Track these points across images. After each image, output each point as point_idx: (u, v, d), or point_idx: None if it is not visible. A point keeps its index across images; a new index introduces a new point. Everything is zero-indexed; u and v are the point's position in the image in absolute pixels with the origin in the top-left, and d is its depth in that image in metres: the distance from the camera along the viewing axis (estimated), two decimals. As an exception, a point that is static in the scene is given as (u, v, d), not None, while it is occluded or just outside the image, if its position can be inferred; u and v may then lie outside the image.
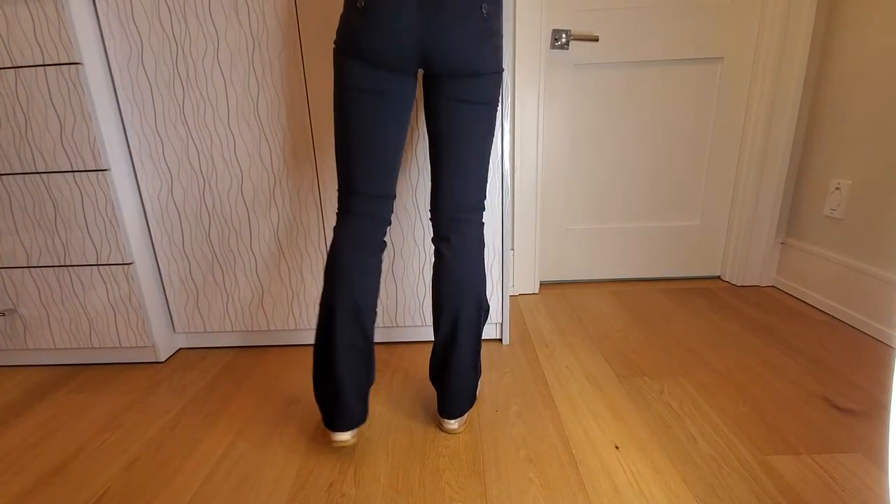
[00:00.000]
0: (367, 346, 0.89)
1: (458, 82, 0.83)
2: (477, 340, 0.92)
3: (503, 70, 0.86)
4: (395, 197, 0.91)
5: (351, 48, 0.78)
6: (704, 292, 1.62)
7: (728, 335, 1.30)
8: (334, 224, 0.90)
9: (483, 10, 0.78)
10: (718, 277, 1.75)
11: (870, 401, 0.99)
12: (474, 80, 0.83)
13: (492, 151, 1.15)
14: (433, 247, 1.15)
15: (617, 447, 0.88)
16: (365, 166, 0.84)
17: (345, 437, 0.87)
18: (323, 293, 0.87)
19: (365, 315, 0.87)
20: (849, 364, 1.13)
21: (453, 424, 0.94)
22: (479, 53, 0.80)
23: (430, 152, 0.90)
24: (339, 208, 0.90)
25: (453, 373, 0.90)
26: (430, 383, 1.13)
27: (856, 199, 1.32)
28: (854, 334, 1.28)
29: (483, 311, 0.93)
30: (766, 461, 0.83)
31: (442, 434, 0.94)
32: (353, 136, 0.83)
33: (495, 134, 1.14)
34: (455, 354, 0.90)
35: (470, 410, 0.98)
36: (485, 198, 0.94)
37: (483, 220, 0.96)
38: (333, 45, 0.81)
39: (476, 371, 0.94)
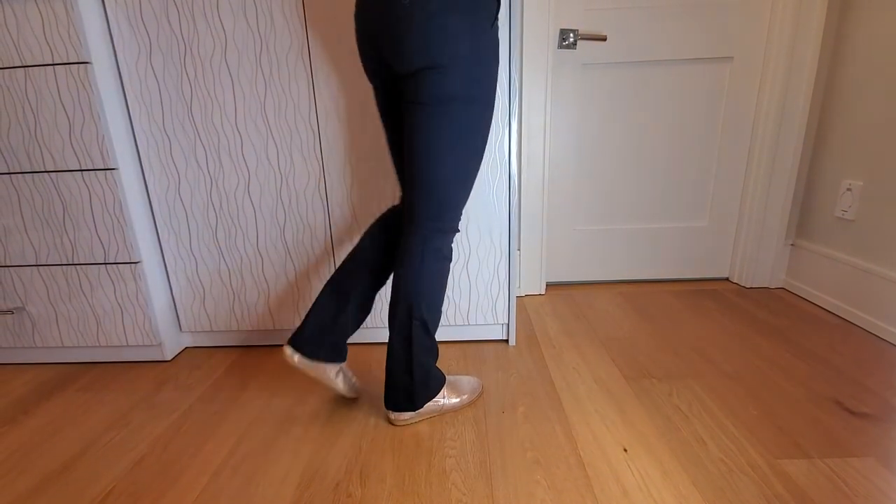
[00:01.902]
0: (359, 299, 0.94)
1: (406, 82, 0.76)
2: (407, 344, 0.88)
3: (462, 58, 0.71)
4: None
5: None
6: (713, 294, 1.60)
7: (737, 337, 1.29)
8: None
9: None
10: (727, 279, 1.73)
11: (882, 404, 0.97)
12: (418, 77, 0.73)
13: (502, 153, 1.15)
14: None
15: (625, 449, 0.87)
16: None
17: (287, 350, 0.91)
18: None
19: (381, 276, 0.96)
20: (860, 367, 1.12)
21: (391, 415, 0.95)
22: (411, 46, 0.70)
23: None
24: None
25: (389, 365, 0.92)
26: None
27: (867, 200, 1.31)
28: (866, 337, 1.26)
29: (416, 320, 0.87)
30: (776, 465, 0.82)
31: (449, 435, 0.94)
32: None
33: (499, 135, 1.14)
34: (391, 347, 0.91)
35: (428, 412, 0.96)
36: (451, 220, 0.84)
37: (442, 246, 0.86)
38: None
39: (410, 374, 0.90)
